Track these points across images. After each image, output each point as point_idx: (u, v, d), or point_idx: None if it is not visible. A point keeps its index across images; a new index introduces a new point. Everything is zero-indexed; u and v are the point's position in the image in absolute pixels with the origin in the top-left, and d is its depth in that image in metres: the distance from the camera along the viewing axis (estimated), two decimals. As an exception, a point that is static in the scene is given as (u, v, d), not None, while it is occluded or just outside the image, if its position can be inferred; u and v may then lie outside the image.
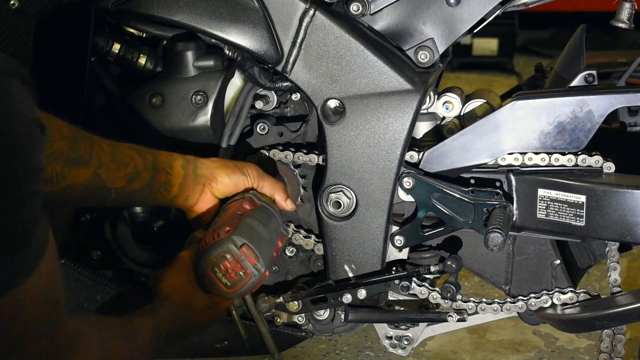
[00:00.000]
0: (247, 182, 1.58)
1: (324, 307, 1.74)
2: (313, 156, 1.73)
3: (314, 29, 1.65)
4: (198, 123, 1.69)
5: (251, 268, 1.44)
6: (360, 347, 2.55)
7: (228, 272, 1.44)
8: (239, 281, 1.45)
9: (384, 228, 1.70)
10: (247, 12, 1.65)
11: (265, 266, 1.46)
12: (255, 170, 1.60)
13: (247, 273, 1.44)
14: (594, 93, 1.67)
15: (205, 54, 1.70)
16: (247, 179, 1.58)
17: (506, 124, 1.67)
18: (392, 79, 1.65)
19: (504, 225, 1.60)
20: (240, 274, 1.44)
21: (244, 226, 1.47)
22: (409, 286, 1.73)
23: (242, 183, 1.58)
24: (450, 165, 1.70)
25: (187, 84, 1.69)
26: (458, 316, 1.76)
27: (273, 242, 1.54)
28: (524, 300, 1.75)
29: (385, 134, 1.66)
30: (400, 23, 1.70)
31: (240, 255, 1.43)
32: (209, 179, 1.55)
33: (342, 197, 1.69)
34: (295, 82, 1.68)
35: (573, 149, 1.68)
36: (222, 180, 1.56)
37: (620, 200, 1.63)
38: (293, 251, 1.80)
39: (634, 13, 1.74)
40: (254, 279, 1.45)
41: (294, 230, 1.76)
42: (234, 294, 1.47)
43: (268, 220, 1.55)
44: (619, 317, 1.69)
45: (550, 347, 2.55)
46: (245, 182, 1.58)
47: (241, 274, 1.44)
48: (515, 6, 1.72)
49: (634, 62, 1.84)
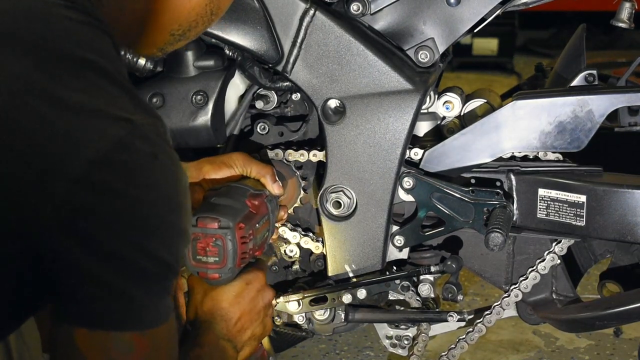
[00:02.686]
0: (235, 173, 1.58)
1: (324, 307, 1.74)
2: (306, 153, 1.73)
3: (314, 29, 1.65)
4: (198, 123, 1.69)
5: (217, 231, 1.39)
6: (360, 347, 2.55)
7: (207, 250, 1.40)
8: (220, 250, 1.40)
9: (384, 228, 1.70)
10: (247, 12, 1.65)
11: (232, 220, 1.41)
12: (241, 158, 1.59)
13: (218, 237, 1.40)
14: (594, 93, 1.67)
15: (205, 53, 1.69)
16: (234, 170, 1.58)
17: (507, 123, 1.67)
18: (393, 78, 1.65)
19: (504, 225, 1.60)
20: (217, 242, 1.40)
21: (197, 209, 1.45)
22: (409, 286, 1.73)
23: (230, 176, 1.58)
24: (450, 165, 1.70)
25: (188, 84, 1.69)
26: (458, 316, 1.76)
27: (237, 202, 1.47)
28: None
29: (386, 133, 1.66)
30: (400, 23, 1.70)
31: (201, 229, 1.40)
32: (198, 178, 1.55)
33: (343, 197, 1.69)
34: (296, 81, 1.68)
35: (574, 148, 1.67)
36: (211, 177, 1.56)
37: (621, 200, 1.63)
38: (293, 251, 1.80)
39: (634, 13, 1.74)
40: (228, 237, 1.39)
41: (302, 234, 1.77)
42: (231, 264, 1.42)
43: (228, 191, 1.50)
44: (619, 317, 1.69)
45: (550, 347, 2.55)
46: (233, 173, 1.58)
47: (217, 242, 1.40)
48: (515, 6, 1.72)
49: (634, 62, 1.84)
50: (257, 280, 1.50)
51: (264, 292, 1.52)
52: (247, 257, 1.44)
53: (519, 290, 1.76)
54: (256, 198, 1.50)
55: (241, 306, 1.46)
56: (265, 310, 1.52)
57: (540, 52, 5.87)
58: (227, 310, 1.45)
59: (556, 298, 1.79)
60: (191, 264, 1.42)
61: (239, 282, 1.47)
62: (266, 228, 1.53)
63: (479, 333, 1.79)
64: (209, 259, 1.41)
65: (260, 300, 1.50)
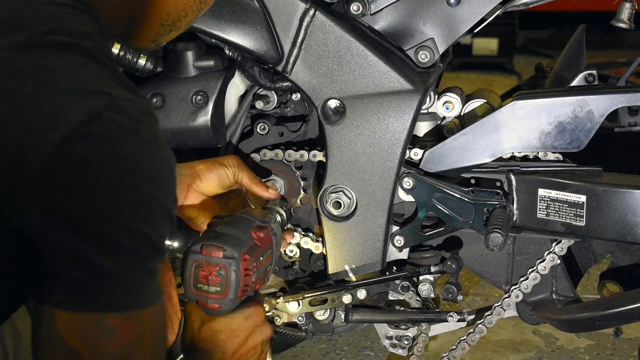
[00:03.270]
0: (229, 173, 1.57)
1: (324, 307, 1.74)
2: (306, 153, 1.73)
3: (314, 29, 1.65)
4: (198, 123, 1.69)
5: (221, 260, 1.36)
6: (360, 347, 2.55)
7: (209, 279, 1.37)
8: (223, 280, 1.37)
9: (384, 228, 1.70)
10: (247, 12, 1.65)
11: (238, 251, 1.39)
12: (235, 160, 1.59)
13: (222, 266, 1.36)
14: (594, 93, 1.67)
15: (205, 54, 1.69)
16: (228, 170, 1.57)
17: (507, 123, 1.67)
18: (393, 79, 1.65)
19: (504, 225, 1.60)
20: (220, 272, 1.36)
21: (201, 236, 1.44)
22: (409, 286, 1.73)
23: (224, 175, 1.57)
24: (450, 165, 1.70)
25: (188, 84, 1.69)
26: (458, 316, 1.76)
27: (243, 233, 1.46)
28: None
29: (386, 134, 1.66)
30: (400, 23, 1.70)
31: (205, 256, 1.36)
32: (192, 177, 1.55)
33: (343, 197, 1.69)
34: (296, 82, 1.68)
35: (573, 148, 1.67)
36: (205, 175, 1.55)
37: (620, 200, 1.63)
38: (293, 251, 1.80)
39: (634, 13, 1.74)
40: (233, 267, 1.35)
41: (302, 234, 1.77)
42: (232, 296, 1.38)
43: (233, 220, 1.48)
44: (619, 317, 1.69)
45: (550, 347, 2.55)
46: (228, 173, 1.57)
47: (220, 272, 1.36)
48: (515, 6, 1.72)
49: (634, 62, 1.84)
50: (257, 315, 1.44)
51: (263, 327, 1.45)
52: (249, 290, 1.41)
53: (519, 291, 1.76)
54: (262, 230, 1.47)
55: (239, 340, 1.41)
56: (263, 346, 1.46)
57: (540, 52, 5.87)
58: (225, 343, 1.39)
59: (556, 298, 1.79)
60: (191, 291, 1.38)
61: (239, 315, 1.42)
62: (269, 261, 1.49)
63: (479, 334, 1.79)
64: (210, 288, 1.37)
65: (259, 336, 1.44)
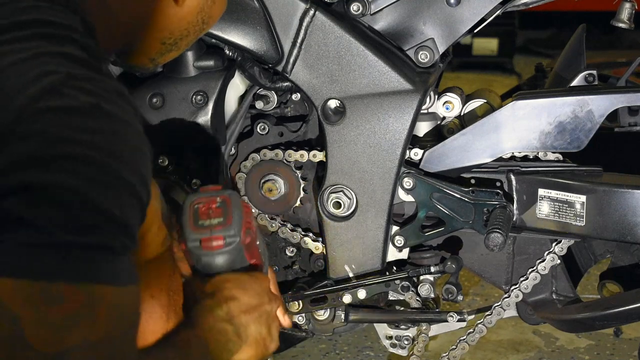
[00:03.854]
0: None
1: (324, 307, 1.74)
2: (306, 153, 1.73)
3: (314, 29, 1.65)
4: (198, 123, 1.69)
5: (221, 192, 1.30)
6: (360, 347, 2.55)
7: (209, 213, 1.29)
8: (225, 208, 1.29)
9: (384, 228, 1.70)
10: (247, 12, 1.65)
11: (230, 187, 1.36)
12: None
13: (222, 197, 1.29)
14: (594, 93, 1.67)
15: (205, 54, 1.70)
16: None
17: (507, 123, 1.67)
18: (393, 79, 1.65)
19: (504, 225, 1.60)
20: (221, 203, 1.29)
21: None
22: (409, 286, 1.73)
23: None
24: (450, 165, 1.70)
25: (188, 84, 1.69)
26: (458, 316, 1.76)
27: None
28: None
29: (386, 134, 1.66)
30: (400, 23, 1.70)
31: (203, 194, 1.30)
32: None
33: (343, 197, 1.69)
34: (296, 82, 1.68)
35: (573, 148, 1.67)
36: None
37: (621, 200, 1.63)
38: (293, 251, 1.80)
39: (634, 13, 1.74)
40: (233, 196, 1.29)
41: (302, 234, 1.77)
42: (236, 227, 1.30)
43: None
44: (619, 317, 1.69)
45: (550, 347, 2.55)
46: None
47: (221, 203, 1.29)
48: (515, 6, 1.72)
49: (634, 62, 1.84)
50: (265, 281, 1.34)
51: (272, 295, 1.34)
52: (251, 237, 1.32)
53: (519, 291, 1.76)
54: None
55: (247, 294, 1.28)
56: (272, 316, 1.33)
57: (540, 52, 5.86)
58: (231, 291, 1.27)
59: (556, 298, 1.79)
60: (192, 230, 1.29)
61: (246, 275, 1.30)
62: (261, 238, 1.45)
63: (479, 334, 1.80)
64: (213, 221, 1.28)
65: (267, 300, 1.31)
